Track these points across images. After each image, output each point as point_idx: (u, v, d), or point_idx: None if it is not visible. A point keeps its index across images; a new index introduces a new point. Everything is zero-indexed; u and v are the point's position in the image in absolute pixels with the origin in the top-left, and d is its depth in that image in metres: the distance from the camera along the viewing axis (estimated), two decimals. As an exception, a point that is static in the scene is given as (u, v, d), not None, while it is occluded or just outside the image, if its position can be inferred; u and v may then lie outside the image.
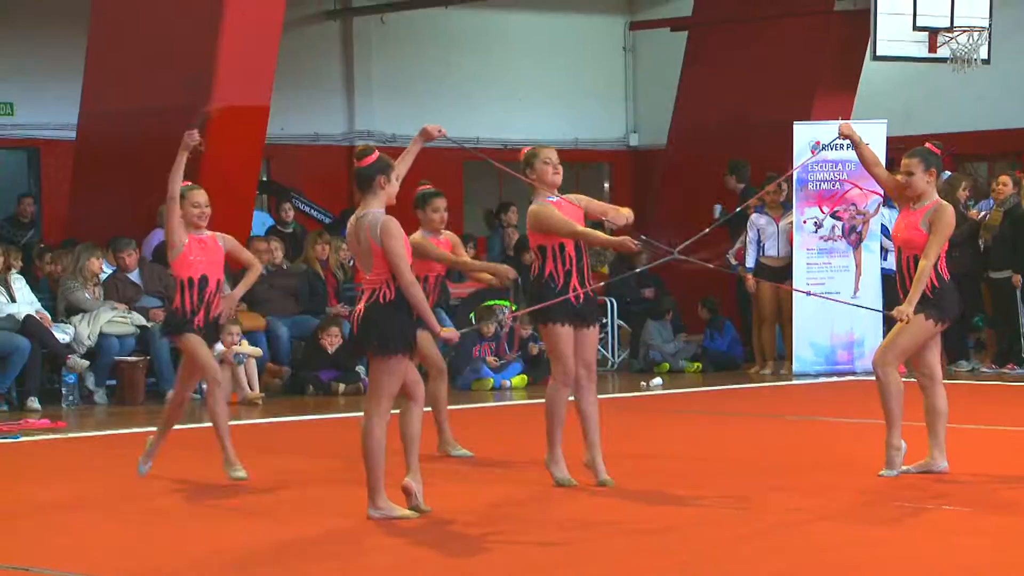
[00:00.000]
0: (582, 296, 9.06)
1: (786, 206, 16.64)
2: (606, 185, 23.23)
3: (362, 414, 8.27)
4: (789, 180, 16.38)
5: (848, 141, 9.70)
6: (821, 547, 7.48)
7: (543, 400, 9.22)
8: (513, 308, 16.29)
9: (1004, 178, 16.58)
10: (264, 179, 19.48)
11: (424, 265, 9.97)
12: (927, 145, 9.55)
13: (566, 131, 22.29)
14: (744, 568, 7.07)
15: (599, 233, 9.56)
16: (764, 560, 7.22)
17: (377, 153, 8.26)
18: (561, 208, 9.12)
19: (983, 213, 16.51)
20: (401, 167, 8.50)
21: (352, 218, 8.25)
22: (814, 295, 13.99)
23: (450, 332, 8.55)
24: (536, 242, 9.18)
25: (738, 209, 14.32)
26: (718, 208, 17.70)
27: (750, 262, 16.52)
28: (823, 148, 13.95)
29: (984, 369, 16.17)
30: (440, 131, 8.95)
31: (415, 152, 8.83)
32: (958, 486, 8.99)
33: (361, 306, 8.15)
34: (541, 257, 9.15)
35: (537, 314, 9.11)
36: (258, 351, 14.75)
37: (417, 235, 10.11)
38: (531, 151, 9.28)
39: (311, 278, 16.00)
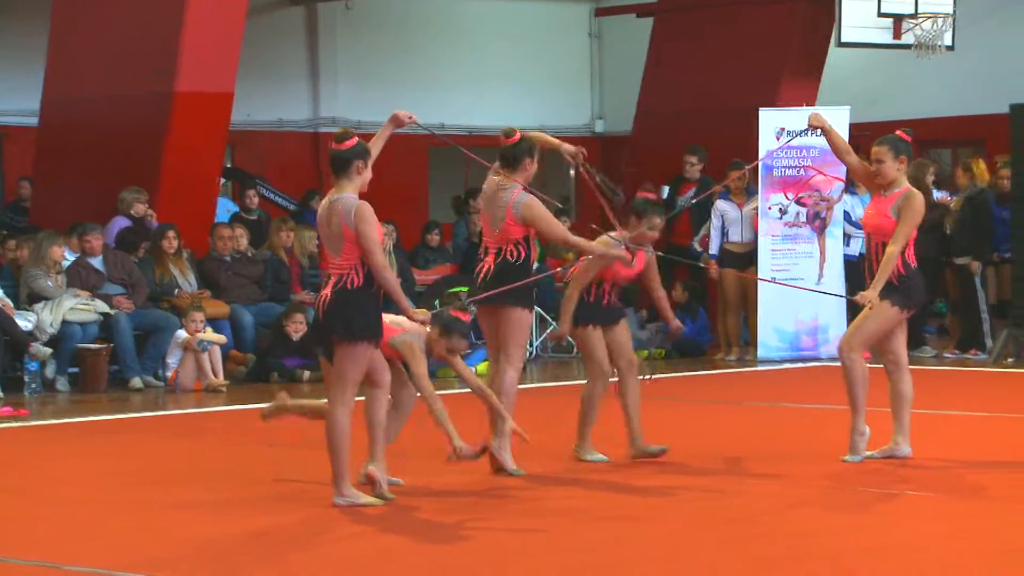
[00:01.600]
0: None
1: (750, 192, 16.69)
2: (571, 172, 23.25)
3: (327, 401, 8.27)
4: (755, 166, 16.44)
5: (818, 130, 9.74)
6: (789, 534, 7.51)
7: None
8: (465, 290, 16.29)
9: (959, 171, 16.73)
10: (228, 166, 19.43)
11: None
12: (897, 132, 9.59)
13: (531, 117, 22.26)
14: (715, 556, 7.09)
15: (592, 244, 9.48)
16: (734, 548, 7.25)
17: (356, 139, 8.25)
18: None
19: (949, 199, 16.58)
20: (372, 152, 8.49)
21: (324, 201, 8.22)
22: (778, 283, 14.04)
23: (422, 314, 8.54)
24: (523, 234, 9.19)
25: (695, 199, 14.35)
26: (666, 190, 17.70)
27: (714, 248, 16.57)
28: (794, 136, 13.95)
29: (947, 355, 16.25)
30: (411, 117, 8.92)
31: (385, 138, 8.78)
32: (922, 471, 9.04)
33: (328, 291, 8.13)
34: (526, 247, 9.18)
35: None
36: (222, 338, 14.71)
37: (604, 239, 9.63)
38: (532, 139, 9.31)
39: (275, 265, 15.97)
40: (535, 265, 9.43)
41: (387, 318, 8.48)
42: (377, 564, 7.04)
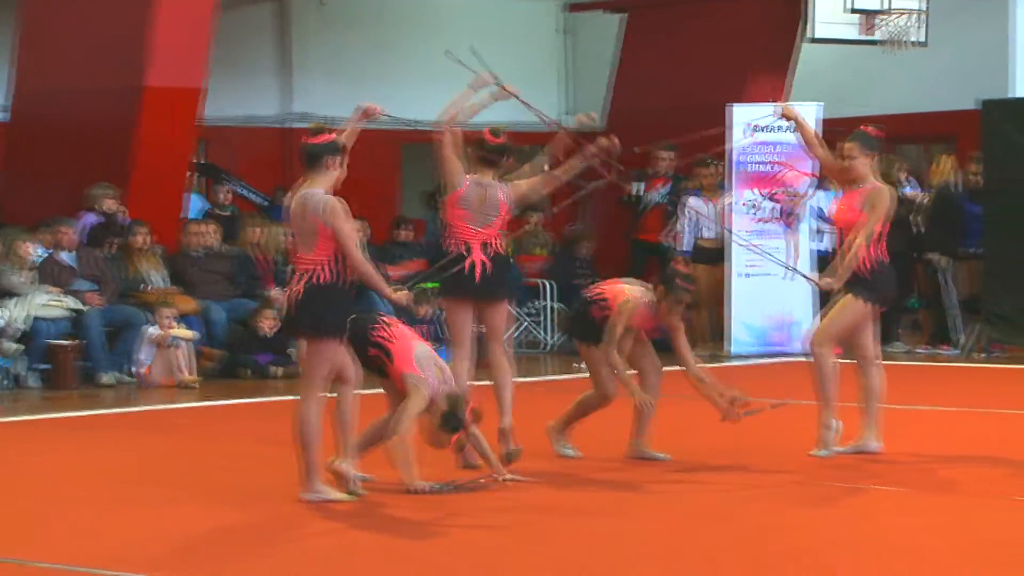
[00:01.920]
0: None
1: (722, 187, 16.71)
2: (545, 167, 23.22)
3: (297, 397, 8.26)
4: (726, 162, 16.47)
5: (789, 123, 9.77)
6: (754, 528, 7.53)
7: (487, 382, 9.33)
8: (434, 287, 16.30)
9: (931, 168, 16.83)
10: (200, 161, 19.37)
11: None
12: (867, 128, 9.62)
13: (502, 113, 22.21)
14: (681, 550, 7.11)
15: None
16: (700, 542, 7.26)
17: (332, 135, 8.24)
18: None
19: (919, 194, 16.63)
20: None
21: (296, 196, 8.20)
22: (799, 273, 13.87)
23: (401, 293, 8.52)
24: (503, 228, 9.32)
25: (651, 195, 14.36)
26: (640, 187, 17.68)
27: (686, 245, 16.59)
28: (758, 130, 13.95)
29: (918, 350, 16.31)
30: (380, 109, 8.91)
31: (356, 132, 8.76)
32: (891, 466, 9.08)
33: (298, 287, 8.12)
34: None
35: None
36: (193, 334, 14.67)
37: None
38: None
39: (246, 261, 15.93)
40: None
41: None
42: (346, 560, 7.03)
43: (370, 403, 9.17)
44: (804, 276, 12.50)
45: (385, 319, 8.86)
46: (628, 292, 9.38)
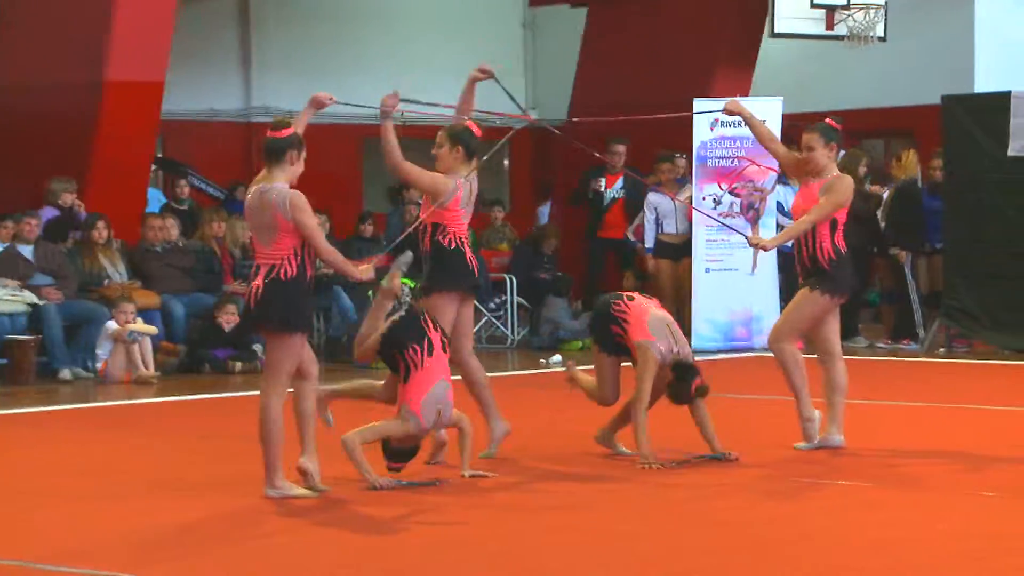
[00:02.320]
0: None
1: (680, 182, 16.73)
2: (505, 162, 23.23)
3: (260, 392, 8.23)
4: (687, 156, 16.50)
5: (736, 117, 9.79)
6: (722, 523, 7.53)
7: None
8: (412, 286, 16.23)
9: (892, 162, 16.90)
10: (159, 156, 19.29)
11: None
12: (827, 120, 9.64)
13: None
14: (644, 547, 7.10)
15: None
16: (664, 538, 7.26)
17: (294, 129, 8.22)
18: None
19: (881, 189, 16.69)
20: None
21: (255, 190, 8.16)
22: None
23: (364, 269, 8.49)
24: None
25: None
26: (603, 181, 17.67)
27: (649, 242, 16.62)
28: (713, 112, 13.88)
29: (880, 345, 16.36)
30: (331, 99, 8.86)
31: (305, 122, 8.72)
32: (854, 461, 9.09)
33: (259, 282, 8.09)
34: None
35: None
36: (153, 329, 14.61)
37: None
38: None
39: (207, 255, 15.87)
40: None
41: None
42: (307, 557, 7.00)
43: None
44: (739, 231, 12.32)
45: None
46: (649, 328, 9.06)
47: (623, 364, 9.40)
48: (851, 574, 6.52)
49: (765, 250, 9.50)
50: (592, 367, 9.56)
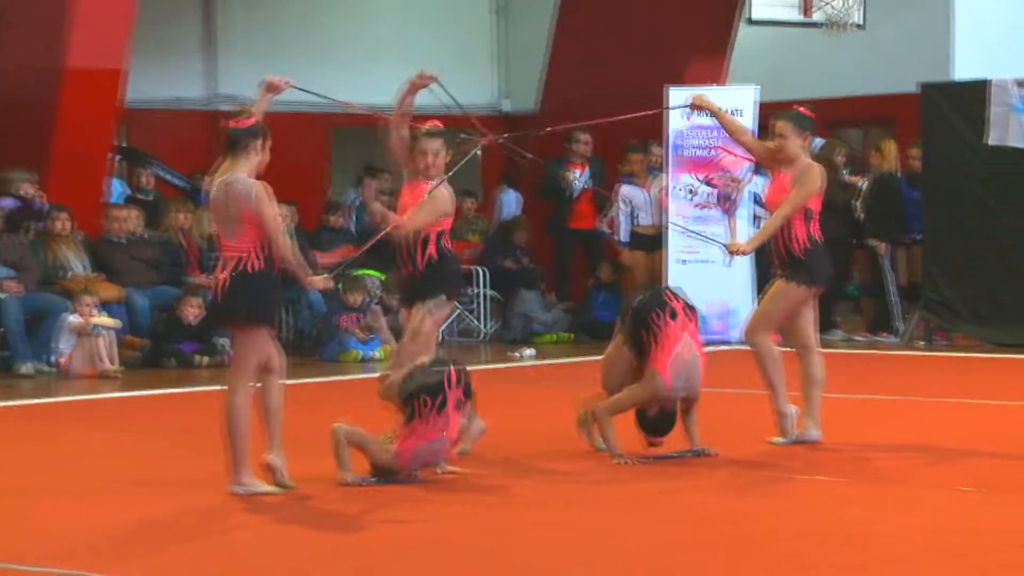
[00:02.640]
0: (406, 272, 9.18)
1: (651, 171, 16.72)
2: (477, 152, 23.18)
3: (225, 387, 8.21)
4: (660, 145, 16.47)
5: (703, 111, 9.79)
6: (694, 519, 7.54)
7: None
8: (383, 278, 16.22)
9: (871, 152, 16.92)
10: (122, 145, 19.21)
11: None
12: (799, 108, 9.64)
13: (435, 96, 22.18)
14: (621, 543, 7.10)
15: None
16: (640, 534, 7.26)
17: (255, 118, 8.18)
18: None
19: (859, 178, 16.71)
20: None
21: (218, 181, 8.14)
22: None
23: (320, 280, 8.48)
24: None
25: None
26: (576, 172, 17.65)
27: (623, 235, 16.61)
28: (676, 107, 13.86)
29: (857, 338, 16.40)
30: (287, 82, 8.81)
31: (263, 108, 8.66)
32: (831, 455, 9.11)
33: (225, 275, 8.07)
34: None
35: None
36: (116, 323, 14.57)
37: None
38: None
39: (171, 247, 15.83)
40: None
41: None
42: (275, 554, 6.99)
43: (296, 393, 9.13)
44: (715, 242, 12.31)
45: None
46: (670, 364, 8.88)
47: None
48: (829, 570, 6.53)
49: (744, 254, 9.47)
50: (607, 351, 9.44)
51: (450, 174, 9.36)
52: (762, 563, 6.66)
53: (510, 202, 19.77)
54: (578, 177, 17.43)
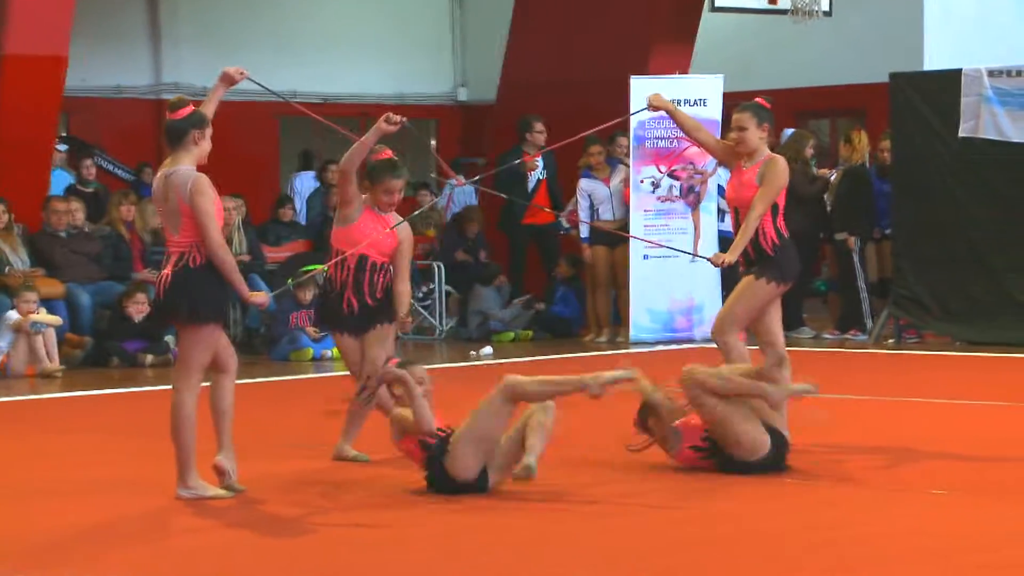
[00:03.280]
0: (356, 308, 9.16)
1: (611, 163, 16.72)
2: (432, 142, 23.20)
3: (171, 387, 8.19)
4: (609, 135, 16.44)
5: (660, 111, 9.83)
6: (663, 521, 7.56)
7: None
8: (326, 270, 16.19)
9: (840, 144, 16.98)
10: (63, 134, 19.14)
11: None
12: (757, 100, 9.68)
13: (390, 85, 22.21)
14: (577, 549, 7.12)
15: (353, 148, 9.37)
16: (596, 539, 7.28)
17: (192, 107, 8.17)
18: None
19: (832, 172, 16.76)
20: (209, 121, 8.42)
21: (160, 174, 8.16)
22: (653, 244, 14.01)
23: (260, 296, 8.50)
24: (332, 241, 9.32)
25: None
26: (540, 162, 17.63)
27: (585, 231, 16.60)
28: (637, 113, 13.87)
29: (826, 335, 16.46)
30: (241, 73, 8.80)
31: (217, 100, 8.65)
32: (799, 457, 9.12)
33: (168, 271, 8.07)
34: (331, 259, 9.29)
35: (323, 322, 9.18)
36: (57, 320, 14.52)
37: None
38: (382, 166, 9.26)
39: (115, 241, 15.77)
40: None
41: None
42: (223, 559, 6.99)
43: (246, 393, 9.12)
44: (698, 256, 12.46)
45: None
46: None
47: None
48: (798, 573, 6.57)
49: (729, 264, 9.48)
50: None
51: (417, 213, 9.46)
52: (727, 567, 6.69)
53: (461, 192, 19.75)
54: (540, 166, 17.40)
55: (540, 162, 17.33)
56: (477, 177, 10.33)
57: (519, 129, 17.50)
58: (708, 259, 9.78)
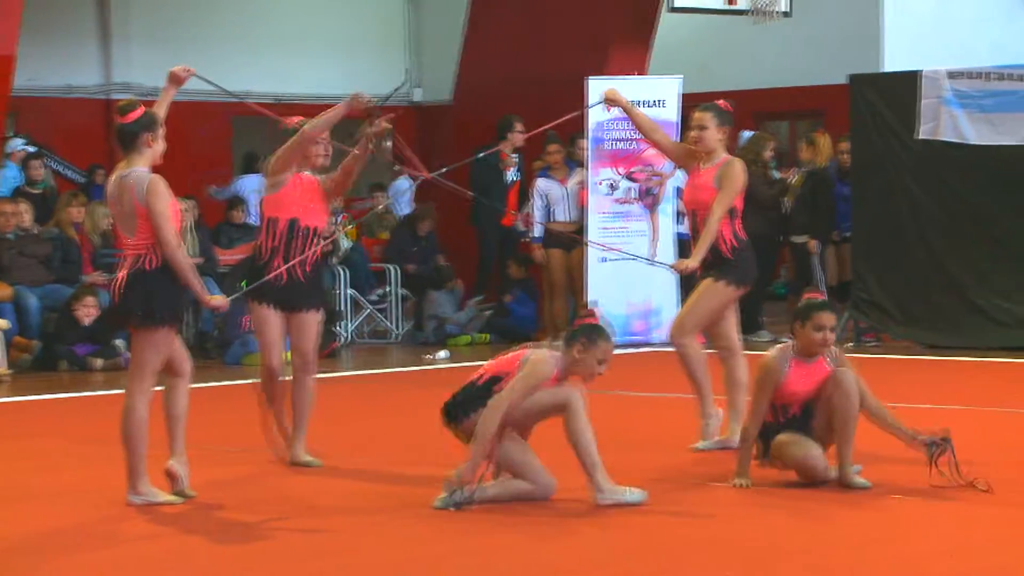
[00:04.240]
0: (284, 277, 9.08)
1: (570, 165, 16.75)
2: (388, 143, 23.15)
3: (123, 392, 8.17)
4: (565, 130, 16.43)
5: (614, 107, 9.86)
6: (608, 526, 7.58)
7: (328, 374, 9.28)
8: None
9: (801, 146, 17.04)
10: (11, 134, 19.05)
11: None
12: (719, 102, 9.73)
13: (343, 84, 22.00)
14: (528, 557, 7.13)
15: (320, 117, 9.35)
16: (546, 546, 7.30)
17: (143, 108, 8.17)
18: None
19: (793, 174, 16.80)
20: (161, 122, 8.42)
21: (114, 177, 8.16)
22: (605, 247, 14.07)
23: (219, 300, 8.49)
24: (261, 209, 9.30)
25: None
26: (515, 157, 17.63)
27: (537, 231, 16.59)
28: (593, 106, 13.89)
29: (784, 339, 16.49)
30: (187, 70, 8.81)
31: (168, 100, 8.67)
32: (755, 461, 9.16)
33: (123, 273, 8.06)
34: (260, 230, 9.23)
35: (248, 292, 9.12)
36: (5, 323, 14.46)
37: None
38: (300, 127, 9.26)
39: (64, 243, 15.71)
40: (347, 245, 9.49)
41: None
42: (175, 567, 6.98)
43: (198, 397, 9.09)
44: (659, 264, 12.51)
45: None
46: None
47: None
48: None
49: (693, 271, 9.52)
50: None
51: (370, 214, 9.48)
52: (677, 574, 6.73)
53: (404, 190, 19.67)
54: (516, 163, 17.39)
55: (516, 160, 17.35)
56: (443, 168, 10.28)
57: (499, 128, 17.47)
58: (671, 266, 9.80)
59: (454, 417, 8.13)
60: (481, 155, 14.79)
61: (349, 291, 17.11)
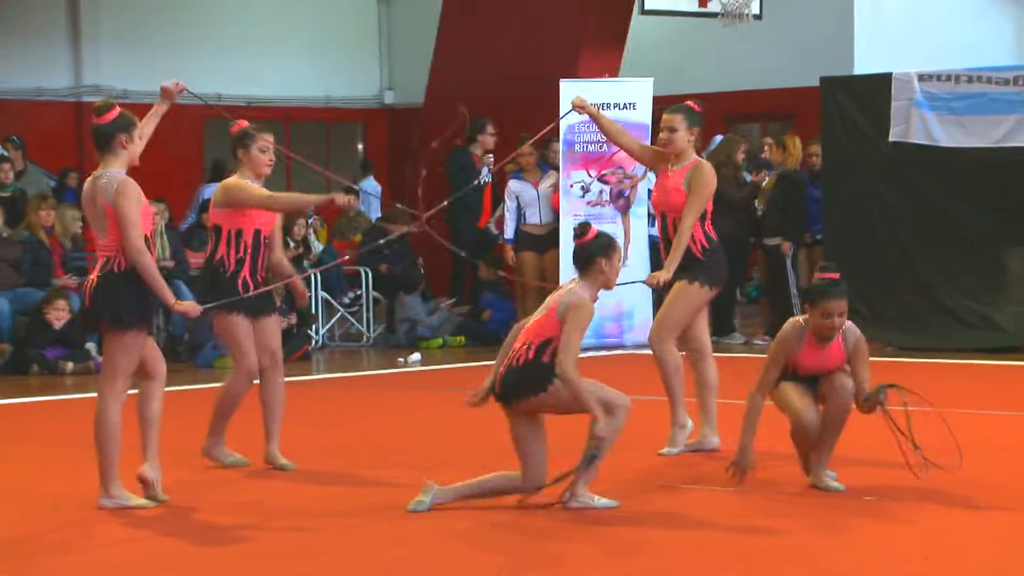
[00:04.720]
0: (252, 288, 9.18)
1: (543, 168, 16.77)
2: (360, 146, 23.19)
3: (95, 395, 8.18)
4: (543, 140, 16.47)
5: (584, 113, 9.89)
6: (587, 535, 7.61)
7: (300, 377, 9.28)
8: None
9: (773, 148, 17.07)
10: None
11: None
12: (689, 104, 9.77)
13: (316, 87, 22.20)
14: (505, 557, 7.16)
15: (296, 195, 9.73)
16: (514, 545, 7.33)
17: (118, 109, 8.18)
18: None
19: (765, 176, 16.86)
20: (146, 129, 8.44)
21: (90, 178, 8.17)
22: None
23: (187, 305, 8.52)
24: (214, 220, 9.27)
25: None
26: (490, 157, 17.63)
27: (509, 233, 16.60)
28: (563, 117, 13.91)
29: (757, 341, 16.57)
30: (178, 85, 8.86)
31: (160, 114, 8.72)
32: (724, 465, 9.20)
33: (94, 276, 8.07)
34: (215, 239, 9.20)
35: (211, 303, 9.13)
36: (-25, 327, 14.44)
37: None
38: (247, 131, 9.29)
39: (34, 246, 15.69)
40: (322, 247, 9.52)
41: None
42: (148, 570, 6.98)
43: (172, 400, 9.10)
44: (632, 282, 12.46)
45: None
46: None
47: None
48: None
49: (666, 282, 9.54)
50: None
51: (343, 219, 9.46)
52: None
53: (372, 190, 19.64)
54: (490, 165, 17.41)
55: (490, 158, 17.36)
56: (430, 211, 10.32)
57: (471, 130, 17.46)
58: (643, 282, 9.83)
59: (508, 401, 8.09)
60: (457, 195, 14.89)
61: (321, 294, 17.12)
